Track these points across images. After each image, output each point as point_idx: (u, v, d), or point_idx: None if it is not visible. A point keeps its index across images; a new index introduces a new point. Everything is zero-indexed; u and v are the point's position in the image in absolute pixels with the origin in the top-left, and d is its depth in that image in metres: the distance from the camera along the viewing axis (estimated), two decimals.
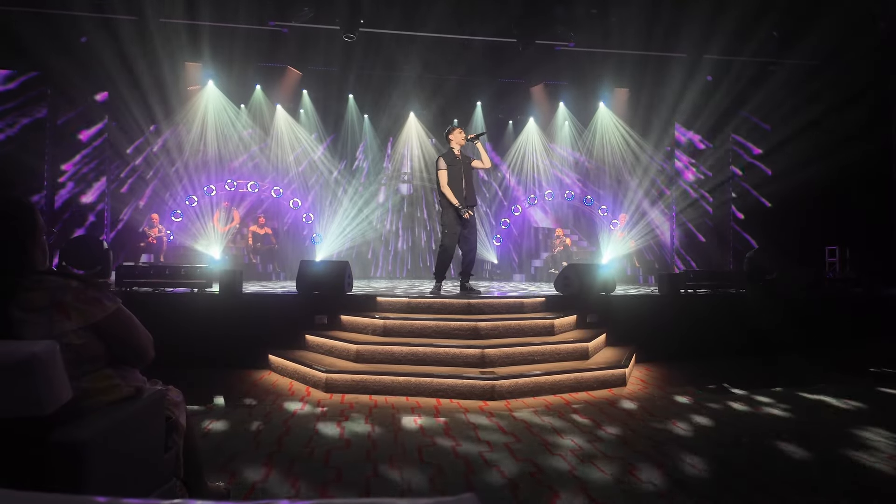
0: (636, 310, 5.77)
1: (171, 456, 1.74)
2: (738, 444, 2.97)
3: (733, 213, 11.09)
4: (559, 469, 2.59)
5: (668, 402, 3.88)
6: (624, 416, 3.49)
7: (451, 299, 5.08)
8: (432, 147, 11.91)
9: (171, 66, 9.20)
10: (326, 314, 5.15)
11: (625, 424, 3.32)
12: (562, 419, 3.43)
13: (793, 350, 5.90)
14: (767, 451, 2.87)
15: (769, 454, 2.82)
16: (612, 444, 2.94)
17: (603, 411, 3.62)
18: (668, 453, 2.80)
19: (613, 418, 3.45)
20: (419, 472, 2.55)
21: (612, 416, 3.52)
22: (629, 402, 3.87)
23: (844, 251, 8.78)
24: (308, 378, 4.32)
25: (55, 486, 1.24)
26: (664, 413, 3.59)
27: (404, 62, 9.63)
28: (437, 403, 3.80)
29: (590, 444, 2.94)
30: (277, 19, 8.25)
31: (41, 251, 1.50)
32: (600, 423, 3.33)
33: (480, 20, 8.31)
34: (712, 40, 8.57)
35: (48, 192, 9.08)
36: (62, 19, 7.93)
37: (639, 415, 3.54)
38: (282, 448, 2.85)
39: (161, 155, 10.12)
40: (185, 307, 5.26)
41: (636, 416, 3.50)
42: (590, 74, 10.15)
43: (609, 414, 3.56)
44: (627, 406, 3.77)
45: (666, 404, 3.83)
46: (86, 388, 1.45)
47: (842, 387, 4.35)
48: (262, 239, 10.35)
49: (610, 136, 11.66)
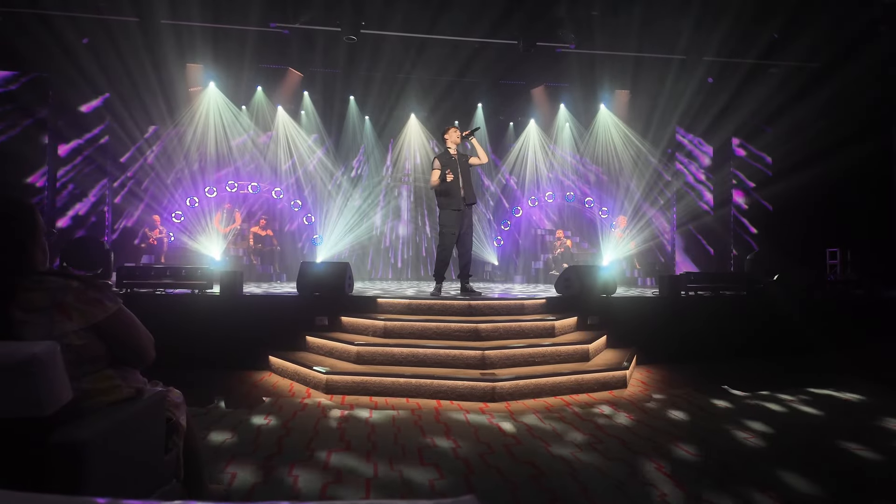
0: (637, 312, 5.77)
1: (171, 457, 1.74)
2: (740, 448, 2.96)
3: (734, 214, 11.10)
4: (559, 471, 2.58)
5: (669, 404, 3.87)
6: (624, 418, 3.49)
7: (452, 301, 5.08)
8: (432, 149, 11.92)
9: (172, 67, 9.23)
10: (327, 315, 5.15)
11: (625, 426, 3.31)
12: (562, 421, 3.42)
13: (794, 352, 5.90)
14: (772, 453, 2.86)
15: (772, 456, 2.81)
16: (612, 447, 2.94)
17: (604, 413, 3.62)
18: (669, 455, 2.80)
19: (614, 420, 3.45)
20: (419, 473, 2.55)
21: (612, 418, 3.51)
22: (630, 405, 3.86)
23: (845, 253, 8.77)
24: (308, 379, 4.31)
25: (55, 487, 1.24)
26: (665, 415, 3.58)
27: (405, 64, 9.64)
28: (438, 405, 3.80)
29: (590, 447, 2.93)
30: (279, 21, 8.27)
31: (42, 251, 1.50)
32: (601, 426, 3.33)
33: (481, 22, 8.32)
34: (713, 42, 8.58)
35: (49, 192, 9.10)
36: (64, 21, 7.95)
37: (639, 417, 3.54)
38: (282, 449, 2.84)
39: (162, 156, 10.14)
40: (185, 308, 5.26)
41: (637, 418, 3.49)
42: (590, 76, 10.16)
43: (610, 416, 3.55)
44: (628, 408, 3.76)
45: (667, 406, 3.82)
46: (86, 389, 1.45)
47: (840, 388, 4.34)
48: (262, 240, 10.36)
49: (611, 137, 11.67)
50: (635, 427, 3.30)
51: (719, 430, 3.26)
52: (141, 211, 9.88)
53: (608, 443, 3.00)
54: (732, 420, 3.49)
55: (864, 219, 9.17)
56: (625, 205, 11.65)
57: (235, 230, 10.36)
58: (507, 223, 12.27)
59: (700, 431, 3.23)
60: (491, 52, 9.35)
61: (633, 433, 3.18)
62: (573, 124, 11.91)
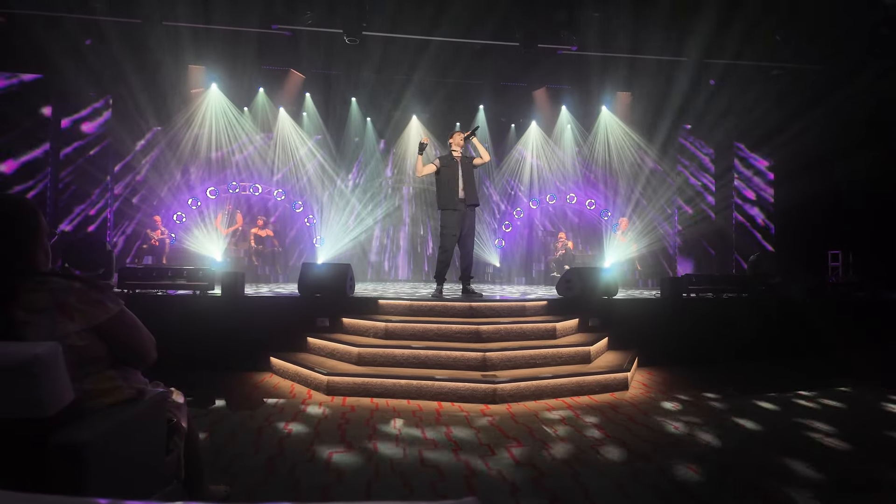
0: (638, 313, 5.76)
1: (172, 458, 1.74)
2: (741, 450, 2.95)
3: (736, 217, 11.09)
4: (561, 473, 2.58)
5: (671, 407, 3.87)
6: (626, 421, 3.48)
7: (453, 302, 5.08)
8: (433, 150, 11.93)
9: (174, 68, 9.25)
10: (328, 317, 5.15)
11: (627, 429, 3.30)
12: (563, 423, 3.42)
13: (795, 354, 5.89)
14: (773, 455, 2.85)
15: (773, 458, 2.80)
16: (613, 449, 2.93)
17: (605, 415, 3.61)
18: (671, 457, 2.79)
19: (616, 422, 3.44)
20: (421, 475, 2.55)
21: (614, 420, 3.50)
22: (631, 407, 3.85)
23: (847, 255, 8.75)
24: (309, 381, 4.31)
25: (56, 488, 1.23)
26: (666, 417, 3.57)
27: (406, 65, 9.65)
28: (439, 406, 3.80)
29: (592, 449, 2.93)
30: (280, 22, 8.28)
31: (44, 252, 1.50)
32: (602, 428, 3.32)
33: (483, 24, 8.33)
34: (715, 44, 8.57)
35: (51, 192, 9.11)
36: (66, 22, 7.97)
37: (641, 419, 3.53)
38: (283, 451, 2.84)
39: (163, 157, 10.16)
40: (186, 309, 5.26)
41: (638, 421, 3.48)
42: (592, 78, 10.16)
43: (611, 418, 3.54)
44: (629, 410, 3.75)
45: (668, 409, 3.82)
46: (88, 390, 1.45)
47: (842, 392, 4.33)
48: (264, 241, 10.36)
49: (612, 139, 11.66)
50: (637, 429, 3.30)
51: (721, 432, 3.25)
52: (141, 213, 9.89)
53: (609, 445, 2.99)
54: (734, 422, 3.48)
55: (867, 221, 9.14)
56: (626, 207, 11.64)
57: (236, 231, 10.36)
58: (508, 225, 12.27)
59: (702, 434, 3.22)
60: (492, 54, 9.35)
61: (634, 435, 3.17)
62: (575, 126, 11.91)
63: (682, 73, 9.48)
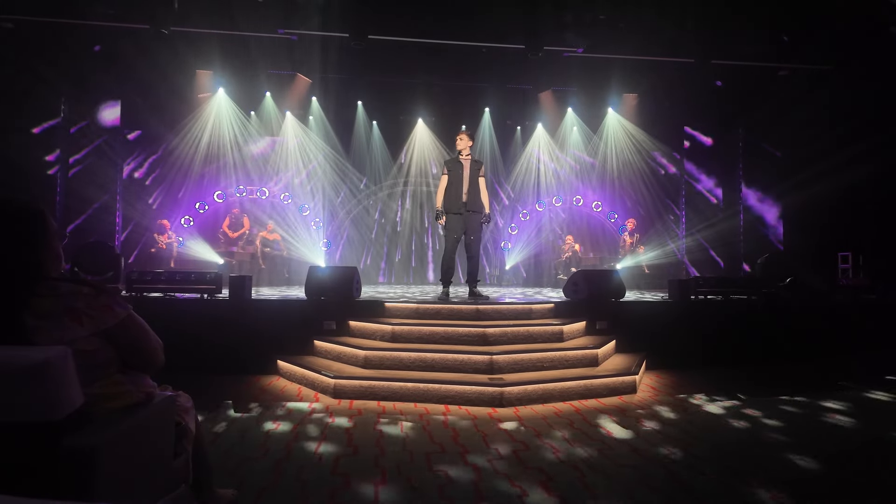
0: (646, 316, 5.72)
1: (180, 462, 1.74)
2: (749, 455, 2.92)
3: (743, 219, 11.00)
4: (569, 477, 2.56)
5: (679, 410, 3.83)
6: (634, 424, 3.45)
7: (460, 305, 5.07)
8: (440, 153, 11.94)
9: (182, 73, 9.33)
10: (335, 320, 5.16)
11: (635, 432, 3.28)
12: (571, 427, 3.40)
13: (804, 357, 5.83)
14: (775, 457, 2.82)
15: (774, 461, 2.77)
16: (622, 453, 2.91)
17: (613, 419, 3.59)
18: (680, 461, 2.76)
19: (624, 426, 3.41)
20: (428, 478, 2.54)
21: (622, 423, 3.48)
22: (640, 410, 3.83)
23: (857, 257, 8.66)
24: (317, 384, 4.32)
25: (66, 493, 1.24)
26: (675, 421, 3.55)
27: (412, 69, 9.68)
28: (446, 410, 3.79)
29: (599, 453, 2.91)
30: (287, 27, 8.34)
31: (54, 257, 1.51)
32: (610, 431, 3.30)
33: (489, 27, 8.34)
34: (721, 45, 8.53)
35: (61, 198, 9.20)
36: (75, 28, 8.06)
37: (649, 423, 3.50)
38: (290, 454, 2.84)
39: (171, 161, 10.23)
40: (194, 313, 5.29)
41: (647, 425, 3.46)
42: (598, 80, 10.15)
43: (619, 422, 3.52)
44: (638, 413, 3.73)
45: (677, 412, 3.78)
46: (96, 394, 1.45)
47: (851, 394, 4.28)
48: (271, 245, 10.40)
49: (619, 141, 11.63)
50: (645, 433, 3.27)
51: (729, 435, 3.22)
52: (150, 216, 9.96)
53: (618, 448, 2.97)
54: (742, 425, 3.44)
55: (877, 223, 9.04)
56: (633, 209, 11.60)
57: (244, 234, 10.41)
58: (514, 227, 12.25)
59: (710, 437, 3.19)
60: (498, 57, 9.36)
61: (642, 439, 3.15)
62: (581, 128, 11.88)
63: (687, 74, 9.45)
